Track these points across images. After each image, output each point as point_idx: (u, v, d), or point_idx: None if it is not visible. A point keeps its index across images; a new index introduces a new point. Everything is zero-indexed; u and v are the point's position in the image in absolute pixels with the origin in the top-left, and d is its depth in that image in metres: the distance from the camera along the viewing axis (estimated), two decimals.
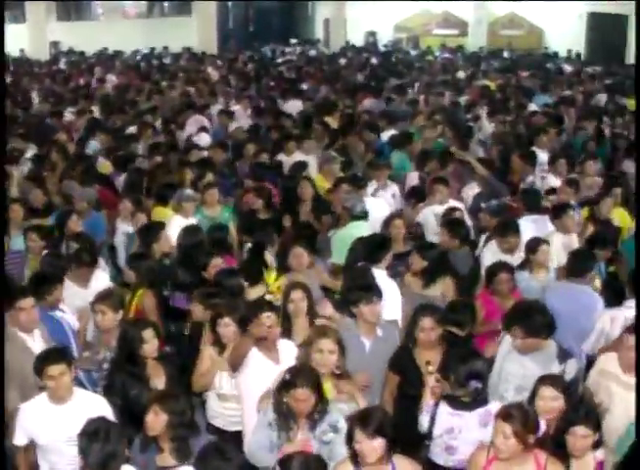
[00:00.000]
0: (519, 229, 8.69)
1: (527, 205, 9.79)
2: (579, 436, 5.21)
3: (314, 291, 7.38)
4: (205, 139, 14.20)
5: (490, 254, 8.64)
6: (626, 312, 7.16)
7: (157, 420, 5.26)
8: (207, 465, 4.80)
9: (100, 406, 5.70)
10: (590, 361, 7.02)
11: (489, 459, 5.21)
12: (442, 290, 7.98)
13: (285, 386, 5.43)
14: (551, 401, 5.57)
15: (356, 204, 9.34)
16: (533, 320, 6.36)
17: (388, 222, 9.24)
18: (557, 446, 5.32)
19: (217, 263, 7.90)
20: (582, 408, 5.39)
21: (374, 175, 11.12)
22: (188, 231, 8.72)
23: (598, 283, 8.19)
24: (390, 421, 5.12)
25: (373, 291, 6.80)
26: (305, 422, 5.46)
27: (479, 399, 5.78)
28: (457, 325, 6.94)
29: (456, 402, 5.80)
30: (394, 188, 11.19)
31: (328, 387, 5.87)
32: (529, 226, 9.22)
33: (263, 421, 5.57)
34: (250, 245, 8.85)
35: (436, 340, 6.51)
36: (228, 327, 6.49)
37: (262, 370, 6.19)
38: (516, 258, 8.38)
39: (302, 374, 5.47)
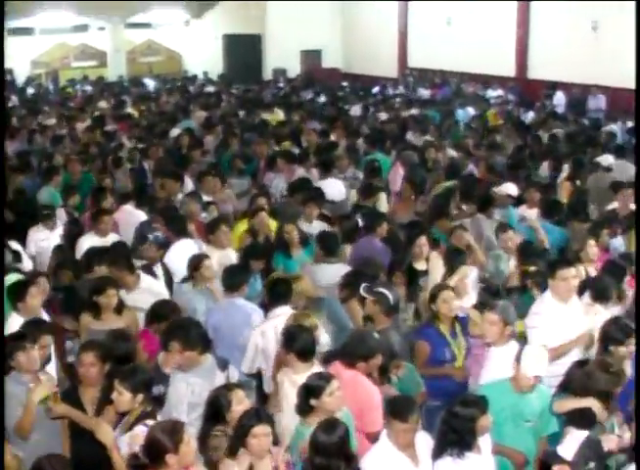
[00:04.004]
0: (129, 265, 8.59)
1: (173, 230, 9.93)
2: (261, 435, 5.39)
3: None
4: None
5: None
6: (275, 322, 7.43)
7: None
8: None
9: None
10: None
11: None
12: (127, 322, 7.89)
13: None
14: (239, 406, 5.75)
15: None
16: (190, 333, 6.58)
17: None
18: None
19: None
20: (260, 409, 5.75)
21: None
22: None
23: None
24: None
25: (26, 337, 6.54)
26: None
27: None
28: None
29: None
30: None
31: None
32: (186, 249, 9.34)
33: None
34: None
35: (100, 376, 6.47)
36: None
37: None
38: None
39: None
